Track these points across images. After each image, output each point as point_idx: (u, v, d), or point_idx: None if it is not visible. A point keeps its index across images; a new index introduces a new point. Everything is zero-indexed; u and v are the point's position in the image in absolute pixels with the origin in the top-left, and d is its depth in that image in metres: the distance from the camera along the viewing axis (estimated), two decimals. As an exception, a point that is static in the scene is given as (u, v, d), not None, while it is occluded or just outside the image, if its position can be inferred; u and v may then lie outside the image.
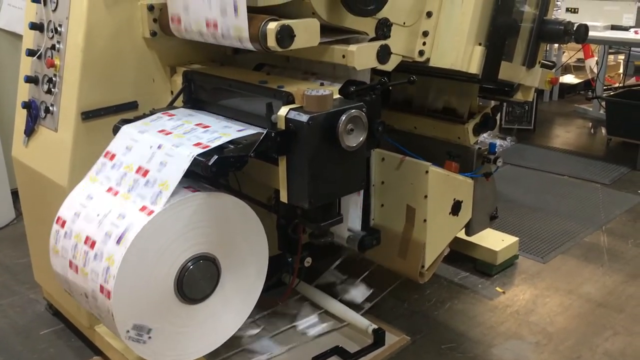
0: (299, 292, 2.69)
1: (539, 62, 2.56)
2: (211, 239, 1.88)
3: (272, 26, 1.79)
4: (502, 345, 2.52)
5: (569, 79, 6.91)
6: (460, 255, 3.07)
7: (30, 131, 2.38)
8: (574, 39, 2.42)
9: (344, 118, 1.78)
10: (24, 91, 2.42)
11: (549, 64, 2.70)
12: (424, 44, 2.28)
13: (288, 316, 2.61)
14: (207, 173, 1.74)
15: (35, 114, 2.34)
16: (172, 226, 1.77)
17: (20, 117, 2.46)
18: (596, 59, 5.99)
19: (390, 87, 2.12)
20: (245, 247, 1.99)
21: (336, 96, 1.93)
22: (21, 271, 3.12)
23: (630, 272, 3.06)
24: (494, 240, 3.10)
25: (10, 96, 2.66)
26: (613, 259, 3.20)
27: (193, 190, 1.83)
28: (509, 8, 2.28)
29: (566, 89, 6.61)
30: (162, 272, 1.79)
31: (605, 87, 5.82)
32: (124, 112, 2.21)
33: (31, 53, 2.33)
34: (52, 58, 2.22)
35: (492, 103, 2.73)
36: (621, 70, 6.69)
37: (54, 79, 2.24)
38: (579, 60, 6.65)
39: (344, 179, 1.90)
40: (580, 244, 3.37)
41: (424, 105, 2.76)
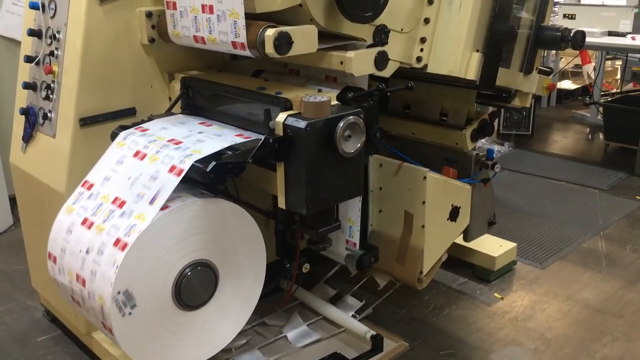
0: (297, 298, 2.68)
1: (537, 68, 2.57)
2: (209, 245, 1.87)
3: (270, 33, 1.80)
4: (501, 352, 2.52)
5: (567, 84, 6.93)
6: (458, 261, 3.07)
7: (28, 137, 2.38)
8: (571, 45, 2.43)
9: (341, 124, 1.78)
10: (22, 97, 2.43)
11: (547, 70, 2.71)
12: (421, 50, 2.29)
13: (283, 323, 2.60)
14: (205, 179, 1.74)
15: (33, 120, 2.34)
16: (170, 232, 1.77)
17: (18, 123, 2.46)
18: (593, 64, 6.01)
19: (388, 93, 2.13)
20: (244, 253, 1.99)
21: (334, 102, 1.93)
22: (18, 277, 3.11)
23: (629, 278, 3.06)
24: (492, 246, 3.10)
25: (9, 102, 2.67)
26: (611, 264, 3.20)
27: (192, 196, 1.82)
28: (506, 15, 2.29)
29: (564, 94, 6.63)
30: (160, 278, 1.79)
31: (602, 93, 5.84)
32: (122, 118, 2.21)
33: (29, 59, 2.33)
34: (50, 64, 2.22)
35: (490, 109, 2.74)
36: (618, 76, 6.71)
37: (52, 85, 2.24)
38: (576, 66, 6.66)
39: (342, 185, 1.90)
40: (579, 249, 3.37)
41: (421, 111, 2.77)
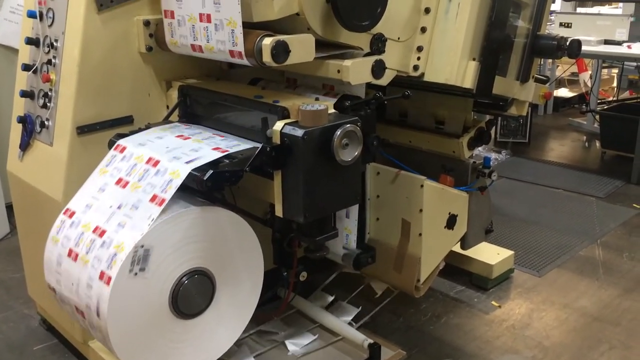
0: (294, 306, 2.68)
1: (533, 77, 2.58)
2: (206, 253, 1.87)
3: (268, 42, 1.80)
4: (498, 360, 2.52)
5: (563, 92, 6.95)
6: (455, 269, 3.06)
7: (25, 145, 2.38)
8: (567, 54, 2.44)
9: (338, 133, 1.78)
10: (20, 106, 2.43)
11: (543, 78, 2.73)
12: (418, 58, 2.30)
13: (281, 331, 2.59)
14: (202, 187, 1.74)
15: (31, 128, 2.34)
16: (168, 240, 1.77)
17: (16, 131, 2.46)
18: (590, 72, 6.04)
19: (385, 102, 2.14)
20: (241, 261, 1.99)
21: (331, 111, 1.93)
22: (15, 286, 3.10)
23: (626, 286, 3.07)
24: (489, 254, 3.10)
25: (6, 110, 2.67)
26: (608, 272, 3.21)
27: (190, 204, 1.82)
28: (503, 23, 2.30)
29: (560, 102, 6.65)
30: (157, 287, 1.78)
31: (599, 101, 5.87)
32: (120, 126, 2.22)
33: (27, 68, 2.33)
34: (47, 73, 2.23)
35: (487, 117, 2.74)
36: (615, 84, 6.73)
37: (49, 93, 2.24)
38: (573, 74, 6.69)
39: (339, 193, 1.90)
40: (576, 257, 3.38)
41: (418, 120, 2.78)
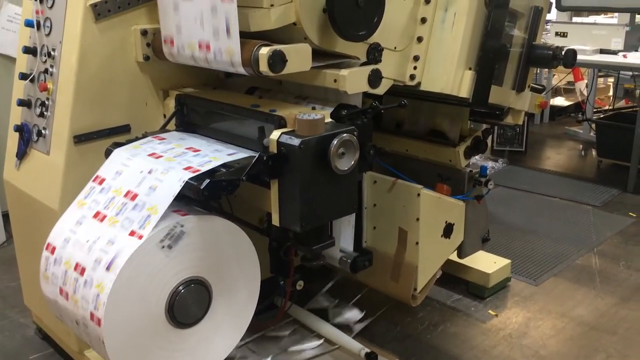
0: (291, 315, 2.67)
1: (529, 86, 2.59)
2: (203, 262, 1.87)
3: (264, 51, 1.81)
4: (495, 369, 2.51)
5: (560, 101, 6.98)
6: (452, 277, 3.07)
7: (22, 154, 2.38)
8: (562, 63, 2.45)
9: (335, 142, 1.79)
10: (17, 114, 2.43)
11: (539, 87, 2.74)
12: (414, 68, 2.31)
13: (278, 340, 2.59)
14: (199, 197, 1.74)
15: (28, 137, 2.34)
16: (163, 251, 1.76)
17: (13, 140, 2.46)
18: (586, 81, 6.06)
19: (381, 111, 2.14)
20: (237, 270, 1.98)
21: (328, 120, 1.94)
22: (11, 295, 3.09)
23: (622, 295, 3.07)
24: (486, 263, 3.10)
25: (3, 119, 2.67)
26: (605, 281, 3.21)
27: (183, 214, 1.82)
28: (499, 33, 2.31)
29: (557, 111, 6.67)
30: (153, 296, 1.78)
31: (595, 110, 5.89)
32: (117, 135, 2.22)
33: (24, 77, 2.34)
34: (45, 82, 2.23)
35: (483, 126, 2.75)
36: (611, 93, 6.76)
37: (46, 102, 2.25)
38: (569, 83, 6.72)
39: (335, 202, 1.90)
40: (572, 266, 3.38)
41: (415, 128, 2.78)
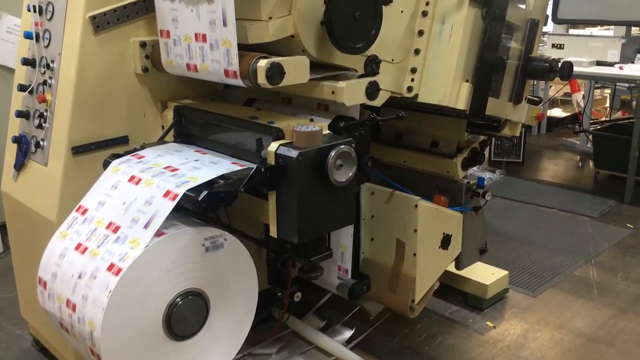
0: (289, 327, 2.67)
1: (526, 98, 2.60)
2: (200, 274, 1.87)
3: (263, 63, 1.82)
4: (493, 381, 2.51)
5: (557, 112, 7.00)
6: (450, 289, 3.06)
7: (20, 165, 2.38)
8: (559, 76, 2.47)
9: (333, 154, 1.79)
10: (15, 126, 2.43)
11: (536, 99, 2.75)
12: (412, 80, 2.32)
13: (275, 352, 2.58)
14: (196, 208, 1.74)
15: (26, 148, 2.34)
16: (161, 262, 1.76)
17: (11, 151, 2.46)
18: (583, 93, 6.09)
19: (379, 122, 2.15)
20: (235, 282, 1.98)
21: (325, 132, 1.95)
22: (7, 306, 3.08)
23: (620, 306, 3.07)
24: (484, 274, 3.10)
25: (1, 130, 2.67)
26: (603, 292, 3.21)
27: (184, 225, 1.82)
28: (495, 46, 2.33)
29: (554, 122, 6.70)
30: (151, 308, 1.78)
31: (592, 121, 5.91)
32: (115, 146, 2.22)
33: (23, 88, 2.34)
34: (43, 93, 2.24)
35: (481, 138, 2.76)
36: (607, 104, 6.79)
37: (45, 114, 2.25)
38: (566, 94, 6.75)
39: (333, 213, 1.91)
40: (570, 277, 3.38)
41: (413, 140, 2.79)
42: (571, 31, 5.68)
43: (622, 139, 4.73)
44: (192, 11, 1.95)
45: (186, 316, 1.85)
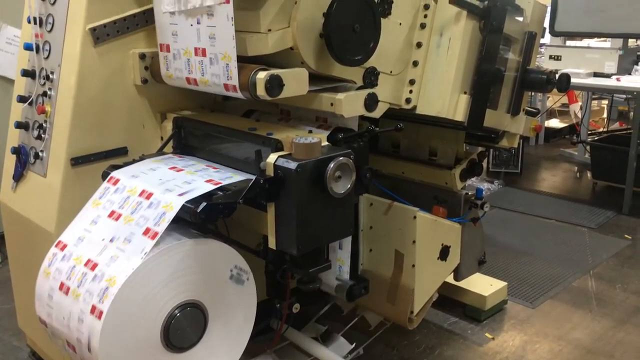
0: (287, 338, 2.66)
1: (524, 110, 2.61)
2: (199, 285, 1.86)
3: (262, 75, 1.83)
4: (492, 393, 2.50)
5: (554, 123, 7.02)
6: (449, 300, 3.06)
7: (18, 176, 2.39)
8: (556, 88, 2.48)
9: (332, 165, 1.80)
10: (14, 137, 2.43)
11: (533, 111, 2.76)
12: (410, 91, 2.33)
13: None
14: (195, 220, 1.74)
15: (25, 159, 2.34)
16: (160, 273, 1.76)
17: (10, 162, 2.46)
18: (580, 104, 6.11)
19: (378, 134, 2.16)
20: (233, 293, 1.97)
21: (324, 143, 1.95)
22: (5, 317, 3.07)
23: (619, 318, 3.06)
24: (482, 285, 3.10)
25: (0, 141, 2.67)
26: (601, 304, 3.20)
27: (183, 237, 1.82)
28: (493, 58, 2.34)
29: (551, 133, 6.72)
30: (149, 319, 1.77)
31: (589, 132, 5.92)
32: (114, 157, 2.22)
33: (22, 99, 2.35)
34: (43, 104, 2.24)
35: (479, 149, 2.77)
36: (605, 115, 6.81)
37: (44, 125, 2.25)
38: (563, 105, 6.77)
39: (332, 225, 1.91)
40: (569, 288, 3.38)
41: (411, 151, 2.80)
42: (568, 43, 5.71)
43: (619, 150, 4.74)
44: (191, 25, 1.96)
45: (184, 328, 1.84)
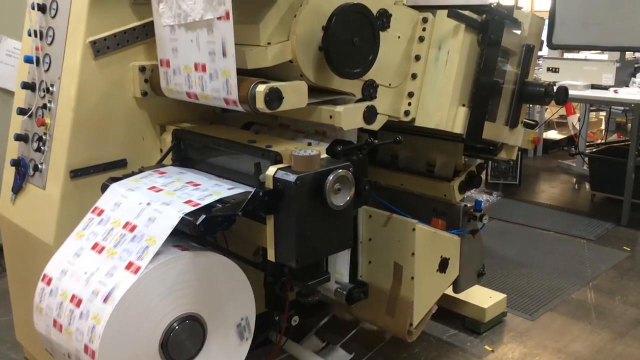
0: (286, 350, 2.65)
1: (522, 122, 2.62)
2: (198, 298, 1.86)
3: (261, 88, 1.83)
4: (492, 406, 2.49)
5: (553, 134, 7.03)
6: (448, 312, 3.05)
7: (17, 188, 2.39)
8: (554, 100, 2.49)
9: (331, 178, 1.80)
10: (14, 149, 2.44)
11: (532, 123, 2.77)
12: (409, 104, 2.34)
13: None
14: (195, 232, 1.74)
15: (24, 171, 2.35)
16: (159, 286, 1.76)
17: (9, 174, 2.46)
18: (578, 115, 6.13)
19: (377, 146, 2.16)
20: (232, 306, 1.97)
21: (323, 156, 1.95)
22: (3, 329, 3.05)
23: (618, 330, 3.05)
24: (481, 297, 3.09)
25: (0, 153, 2.68)
26: (601, 316, 3.20)
27: (181, 249, 1.82)
28: (491, 71, 2.36)
29: (550, 144, 6.73)
30: (148, 331, 1.77)
31: (587, 143, 5.93)
32: (113, 170, 2.23)
33: (22, 112, 2.35)
34: (43, 117, 2.25)
35: (477, 161, 2.78)
36: (603, 127, 6.83)
37: (43, 137, 2.26)
38: (561, 117, 6.79)
39: (331, 237, 1.91)
40: (568, 300, 3.37)
41: (410, 163, 2.81)
42: (566, 55, 5.73)
43: (617, 162, 4.74)
44: (192, 41, 1.97)
45: (183, 341, 1.84)
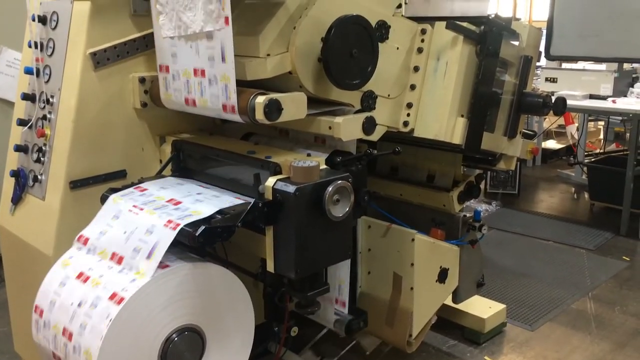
0: (285, 361, 2.64)
1: (520, 132, 2.63)
2: (197, 309, 1.86)
3: (261, 100, 1.84)
4: (492, 417, 2.48)
5: (551, 144, 7.05)
6: (447, 322, 3.04)
7: (17, 199, 2.39)
8: (552, 111, 2.50)
9: (330, 189, 1.80)
10: (13, 160, 2.44)
11: (530, 133, 2.78)
12: (408, 115, 2.35)
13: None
14: (194, 243, 1.75)
15: (24, 182, 2.35)
16: (158, 297, 1.76)
17: (8, 185, 2.46)
18: (577, 125, 6.14)
19: (376, 157, 2.17)
20: (231, 317, 1.97)
21: (323, 167, 1.96)
22: (1, 340, 3.04)
23: (618, 340, 3.05)
24: (481, 308, 3.08)
25: (-1, 164, 2.69)
26: (600, 326, 3.19)
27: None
28: (490, 82, 2.37)
29: (549, 154, 6.74)
30: (147, 343, 1.76)
31: (586, 153, 5.95)
32: (113, 180, 2.23)
33: (22, 123, 2.36)
34: (42, 128, 2.25)
35: (476, 171, 2.78)
36: (601, 136, 6.85)
37: (43, 148, 2.26)
38: (560, 126, 6.81)
39: (330, 248, 1.91)
40: (567, 311, 3.37)
41: (409, 173, 2.81)
42: (564, 65, 5.76)
43: (616, 171, 4.75)
44: (191, 47, 1.98)
45: (182, 352, 1.83)
